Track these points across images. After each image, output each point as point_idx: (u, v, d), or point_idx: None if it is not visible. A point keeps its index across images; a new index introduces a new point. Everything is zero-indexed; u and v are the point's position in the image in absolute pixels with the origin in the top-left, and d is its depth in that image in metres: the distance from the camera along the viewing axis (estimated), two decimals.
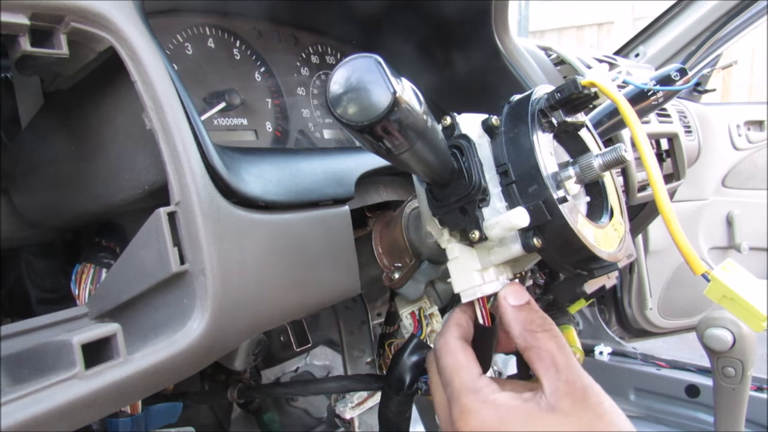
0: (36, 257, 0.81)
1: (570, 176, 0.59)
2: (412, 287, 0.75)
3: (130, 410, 0.73)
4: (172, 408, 0.79)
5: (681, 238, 0.55)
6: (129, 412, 0.72)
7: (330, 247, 0.67)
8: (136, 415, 0.73)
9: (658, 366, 2.02)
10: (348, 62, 0.45)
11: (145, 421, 0.74)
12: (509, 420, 0.52)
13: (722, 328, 1.11)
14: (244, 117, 0.89)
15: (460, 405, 0.55)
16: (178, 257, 0.52)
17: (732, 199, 2.38)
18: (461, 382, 0.56)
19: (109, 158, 0.61)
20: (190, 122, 0.55)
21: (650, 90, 0.79)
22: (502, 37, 1.03)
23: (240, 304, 0.56)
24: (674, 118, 1.77)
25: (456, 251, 0.61)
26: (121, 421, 0.71)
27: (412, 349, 0.69)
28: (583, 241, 0.56)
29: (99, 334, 0.46)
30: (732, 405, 1.16)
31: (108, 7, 0.51)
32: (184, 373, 0.54)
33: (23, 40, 0.46)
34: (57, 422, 0.43)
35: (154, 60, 0.54)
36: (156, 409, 0.77)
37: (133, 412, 0.73)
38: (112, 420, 0.71)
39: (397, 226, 0.73)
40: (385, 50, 1.06)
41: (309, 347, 1.08)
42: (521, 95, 0.61)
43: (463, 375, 0.56)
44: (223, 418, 1.35)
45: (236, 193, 0.57)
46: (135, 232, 0.53)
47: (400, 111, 0.43)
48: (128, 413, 0.72)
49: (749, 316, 0.55)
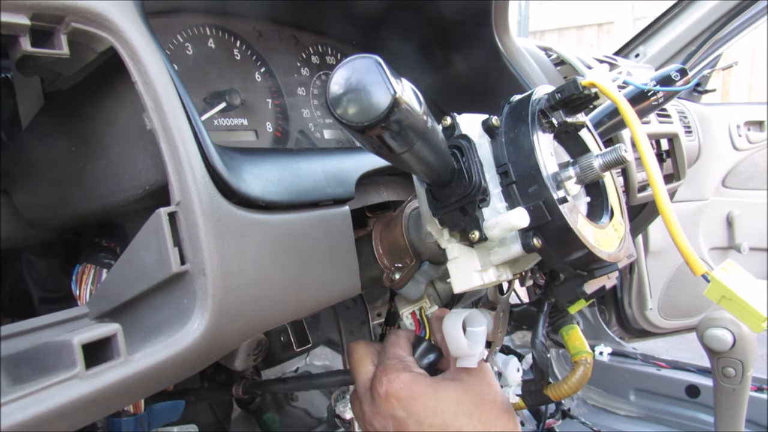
0: (37, 257, 0.81)
1: (570, 176, 0.59)
2: (413, 287, 0.75)
3: (132, 409, 0.73)
4: (174, 406, 0.79)
5: (681, 238, 0.55)
6: (132, 412, 0.73)
7: (330, 248, 0.67)
8: (139, 414, 0.73)
9: (658, 366, 2.02)
10: (348, 63, 0.45)
11: (147, 420, 0.74)
12: (416, 387, 0.64)
13: (722, 329, 1.11)
14: (245, 117, 0.89)
15: (383, 367, 0.67)
16: (178, 257, 0.52)
17: (732, 199, 2.38)
18: (394, 353, 0.70)
19: (110, 158, 0.61)
20: (190, 122, 0.55)
21: (650, 90, 0.79)
22: (502, 38, 1.03)
23: (240, 305, 0.56)
24: (674, 118, 1.77)
25: (456, 251, 0.61)
26: (124, 421, 0.71)
27: (422, 353, 0.72)
28: (583, 241, 0.57)
29: (99, 334, 0.46)
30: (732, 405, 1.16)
31: (108, 7, 0.51)
32: (184, 373, 0.54)
33: (24, 41, 0.46)
34: (57, 422, 0.43)
35: (154, 60, 0.54)
36: (158, 408, 0.77)
37: (135, 411, 0.73)
38: (114, 420, 0.71)
39: (398, 227, 0.73)
40: (385, 50, 1.06)
41: (309, 347, 1.08)
42: (521, 95, 0.61)
43: (398, 350, 0.70)
44: (223, 418, 1.35)
45: (237, 194, 0.57)
46: (135, 232, 0.53)
47: (400, 111, 0.43)
48: (131, 412, 0.72)
49: (749, 316, 0.55)
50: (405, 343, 0.72)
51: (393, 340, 0.72)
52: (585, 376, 0.74)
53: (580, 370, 0.74)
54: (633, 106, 0.62)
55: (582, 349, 0.77)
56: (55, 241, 0.81)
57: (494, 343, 0.79)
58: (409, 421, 0.64)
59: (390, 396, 0.65)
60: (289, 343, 1.05)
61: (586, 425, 1.84)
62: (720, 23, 1.98)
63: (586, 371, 0.74)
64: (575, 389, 0.74)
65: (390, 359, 0.69)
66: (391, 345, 0.71)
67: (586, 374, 0.74)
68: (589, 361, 0.75)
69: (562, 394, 0.74)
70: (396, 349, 0.70)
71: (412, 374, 0.66)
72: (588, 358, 0.76)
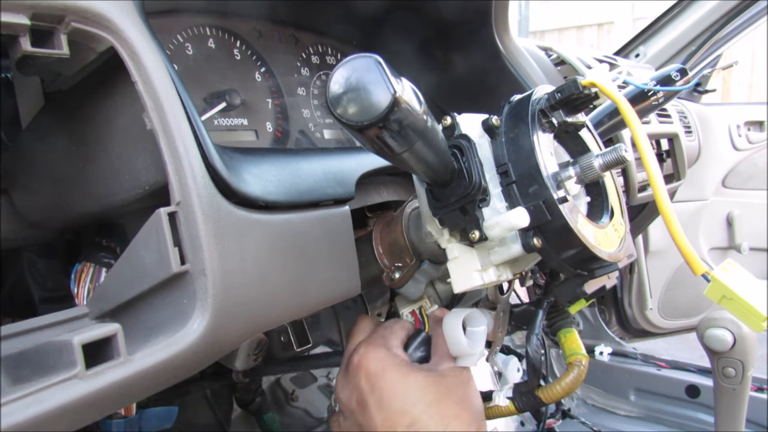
0: (38, 256, 0.81)
1: (570, 176, 0.59)
2: (413, 287, 0.75)
3: (124, 412, 0.72)
4: (167, 412, 0.78)
5: (681, 238, 0.55)
6: (123, 414, 0.72)
7: (330, 247, 0.67)
8: (130, 417, 0.72)
9: (658, 366, 2.02)
10: (348, 62, 0.45)
11: (138, 424, 0.74)
12: (389, 366, 0.64)
13: (722, 329, 1.11)
14: (245, 117, 0.89)
15: (367, 343, 0.68)
16: (178, 257, 0.52)
17: (732, 199, 2.38)
18: (382, 333, 0.70)
19: (110, 158, 0.61)
20: (190, 122, 0.55)
21: (650, 90, 0.79)
22: (502, 38, 1.03)
23: (240, 305, 0.56)
24: (674, 118, 1.77)
25: (456, 251, 0.61)
26: (115, 422, 0.70)
27: (419, 344, 0.71)
28: (583, 241, 0.57)
29: (99, 334, 0.46)
30: (732, 405, 1.16)
31: (109, 7, 0.51)
32: (184, 373, 0.54)
33: (24, 41, 0.46)
34: (57, 422, 0.43)
35: (154, 60, 0.54)
36: (151, 413, 0.76)
37: (127, 414, 0.72)
38: (106, 421, 0.70)
39: (398, 226, 0.73)
40: (385, 50, 1.06)
41: (309, 347, 1.08)
42: (521, 95, 0.62)
43: (387, 332, 0.70)
44: (223, 418, 1.34)
45: (237, 194, 0.57)
46: (135, 232, 0.53)
47: (400, 111, 0.43)
48: (122, 415, 0.71)
49: (749, 316, 0.55)
50: (399, 329, 0.71)
51: (389, 324, 0.72)
52: (578, 377, 0.74)
53: (573, 372, 0.74)
54: (633, 106, 0.62)
55: (577, 351, 0.77)
56: (56, 241, 0.81)
57: (494, 343, 0.79)
58: (371, 397, 0.63)
59: (361, 367, 0.65)
60: (289, 343, 1.05)
61: (586, 425, 1.84)
62: (720, 23, 1.98)
63: (580, 373, 0.74)
64: (568, 391, 0.73)
65: (375, 336, 0.69)
66: (384, 327, 0.72)
67: (579, 376, 0.74)
68: (584, 363, 0.75)
69: (554, 396, 0.74)
70: (386, 331, 0.70)
71: (389, 353, 0.66)
72: (582, 360, 0.75)
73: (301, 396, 1.54)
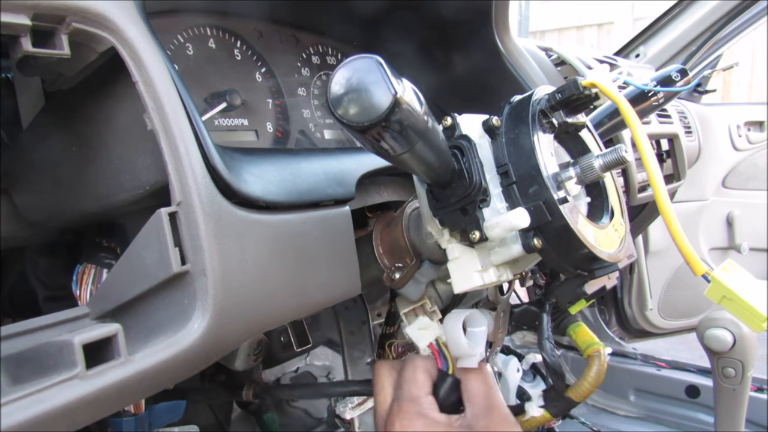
0: (41, 256, 0.81)
1: (571, 177, 0.59)
2: (413, 287, 0.75)
3: (133, 409, 0.72)
4: (175, 407, 0.79)
5: (681, 238, 0.55)
6: (132, 412, 0.72)
7: (331, 248, 0.67)
8: (140, 414, 0.73)
9: (658, 366, 2.02)
10: (349, 63, 0.45)
11: (148, 420, 0.74)
12: None
13: (722, 329, 1.11)
14: (245, 117, 0.89)
15: (399, 407, 0.65)
16: (179, 257, 0.52)
17: (732, 199, 2.38)
18: (410, 391, 0.66)
19: (110, 158, 0.61)
20: (191, 123, 0.55)
21: (651, 91, 0.79)
22: (502, 38, 1.03)
23: (241, 305, 0.56)
24: (674, 118, 1.77)
25: (456, 252, 0.61)
26: (125, 421, 0.71)
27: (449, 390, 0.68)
28: (583, 241, 0.57)
29: (100, 335, 0.46)
30: (732, 405, 1.16)
31: (109, 7, 0.51)
32: (184, 373, 0.54)
33: (24, 41, 0.46)
34: (58, 422, 0.43)
35: (155, 60, 0.54)
36: (159, 408, 0.76)
37: (136, 411, 0.73)
38: (115, 420, 0.71)
39: (398, 227, 0.73)
40: (386, 50, 1.06)
41: (309, 347, 1.08)
42: (522, 96, 0.62)
43: (414, 389, 0.66)
44: (223, 419, 1.35)
45: (237, 194, 0.57)
46: (136, 232, 0.53)
47: (401, 111, 0.43)
48: (132, 413, 0.72)
49: (749, 316, 0.55)
50: (423, 379, 0.68)
51: (410, 376, 0.68)
52: (601, 369, 0.74)
53: (595, 364, 0.74)
54: (633, 106, 0.62)
55: (591, 341, 0.77)
56: (58, 241, 0.81)
57: (495, 344, 0.79)
58: None
59: None
60: (289, 343, 1.05)
61: (586, 425, 1.84)
62: (720, 24, 1.98)
63: (602, 364, 0.74)
64: (596, 384, 0.73)
65: (405, 400, 0.66)
66: (407, 382, 0.68)
67: (602, 367, 0.74)
68: (602, 352, 0.75)
69: (584, 393, 0.73)
70: (412, 387, 0.67)
71: (426, 421, 0.63)
72: (600, 350, 0.76)
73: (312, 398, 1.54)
